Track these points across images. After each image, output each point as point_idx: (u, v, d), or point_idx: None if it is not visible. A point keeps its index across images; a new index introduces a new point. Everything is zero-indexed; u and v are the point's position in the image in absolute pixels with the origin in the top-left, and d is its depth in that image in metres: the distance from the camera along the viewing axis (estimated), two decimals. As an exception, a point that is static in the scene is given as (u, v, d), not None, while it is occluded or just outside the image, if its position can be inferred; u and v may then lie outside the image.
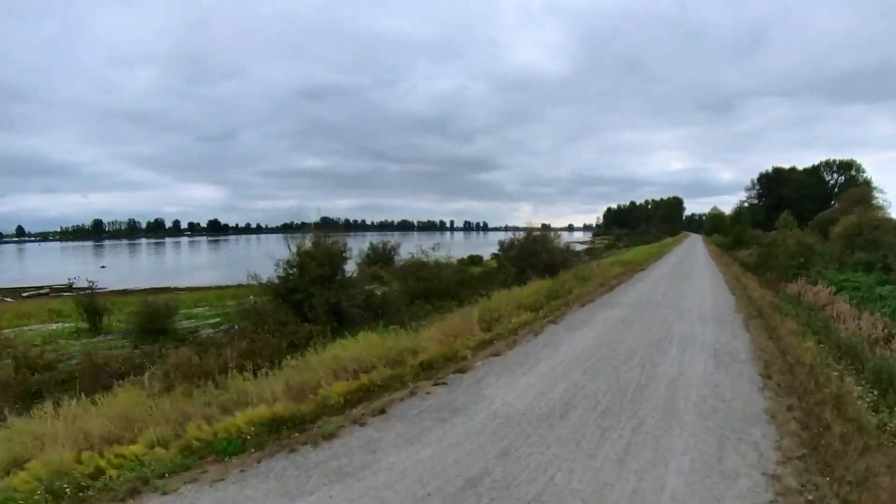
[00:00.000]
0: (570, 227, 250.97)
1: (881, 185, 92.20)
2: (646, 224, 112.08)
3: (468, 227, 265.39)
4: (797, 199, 65.28)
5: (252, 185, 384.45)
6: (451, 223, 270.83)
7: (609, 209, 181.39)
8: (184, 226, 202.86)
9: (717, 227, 67.36)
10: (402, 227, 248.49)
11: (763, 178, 78.22)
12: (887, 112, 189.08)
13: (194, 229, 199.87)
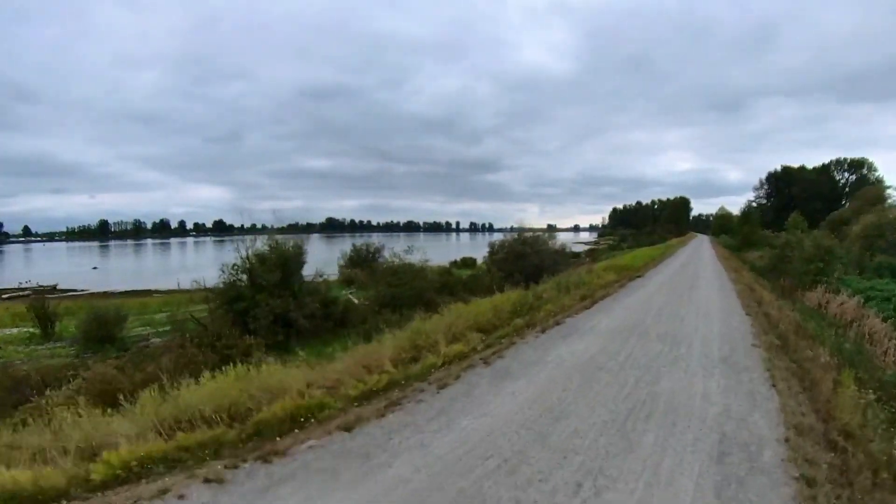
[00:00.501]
0: (576, 228, 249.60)
1: (892, 184, 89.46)
2: (652, 224, 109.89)
3: (474, 228, 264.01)
4: (807, 199, 63.59)
5: (258, 186, 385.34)
6: (457, 224, 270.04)
7: (615, 209, 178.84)
8: (189, 226, 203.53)
9: (724, 227, 65.36)
10: (408, 227, 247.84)
11: (772, 177, 76.36)
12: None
13: (199, 230, 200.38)
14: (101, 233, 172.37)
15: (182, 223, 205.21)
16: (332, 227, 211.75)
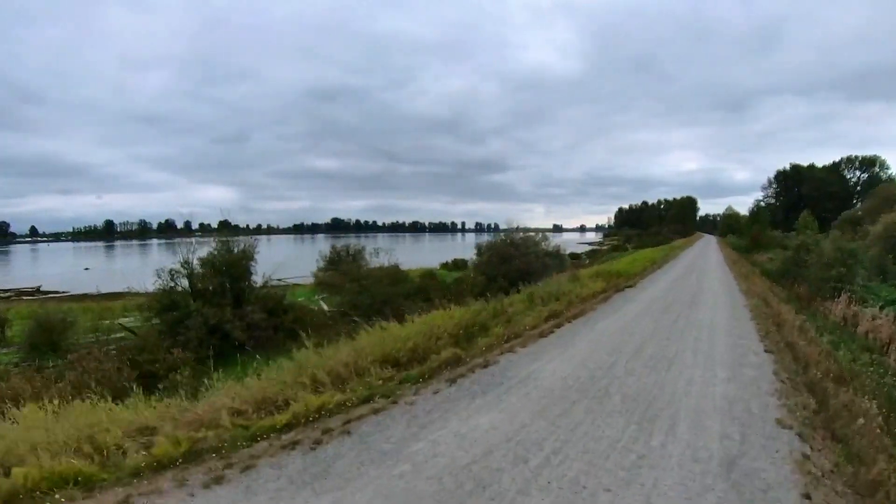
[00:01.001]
0: (582, 228, 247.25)
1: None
2: (658, 224, 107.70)
3: (479, 228, 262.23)
4: (817, 198, 61.72)
5: (264, 186, 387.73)
6: (463, 224, 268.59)
7: (621, 209, 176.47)
8: (195, 227, 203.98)
9: (732, 227, 63.15)
10: (414, 228, 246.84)
11: (780, 175, 74.37)
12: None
13: (205, 230, 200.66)
14: (107, 233, 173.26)
15: (188, 223, 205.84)
16: (337, 228, 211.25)
